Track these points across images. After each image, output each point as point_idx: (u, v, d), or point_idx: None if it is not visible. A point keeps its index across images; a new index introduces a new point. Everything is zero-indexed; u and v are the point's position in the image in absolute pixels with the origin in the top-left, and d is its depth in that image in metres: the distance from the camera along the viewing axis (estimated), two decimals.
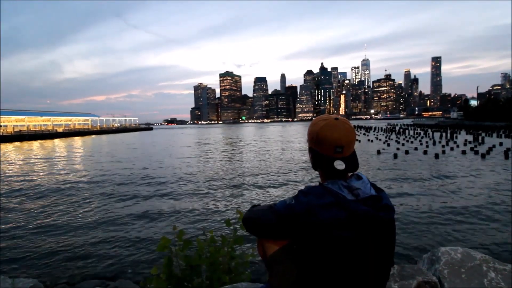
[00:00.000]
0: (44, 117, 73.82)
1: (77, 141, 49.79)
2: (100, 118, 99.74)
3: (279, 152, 25.58)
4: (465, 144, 26.14)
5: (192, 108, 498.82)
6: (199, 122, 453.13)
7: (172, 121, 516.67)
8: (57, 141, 50.53)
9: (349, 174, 1.06)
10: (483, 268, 1.63)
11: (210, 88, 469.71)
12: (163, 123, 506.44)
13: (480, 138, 30.59)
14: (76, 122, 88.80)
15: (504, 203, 8.58)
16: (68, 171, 16.98)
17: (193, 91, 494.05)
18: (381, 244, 0.98)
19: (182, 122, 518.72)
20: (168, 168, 17.32)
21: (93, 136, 69.74)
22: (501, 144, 25.45)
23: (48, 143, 45.20)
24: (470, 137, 33.77)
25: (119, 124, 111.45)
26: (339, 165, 1.00)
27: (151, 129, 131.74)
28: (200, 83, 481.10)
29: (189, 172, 15.52)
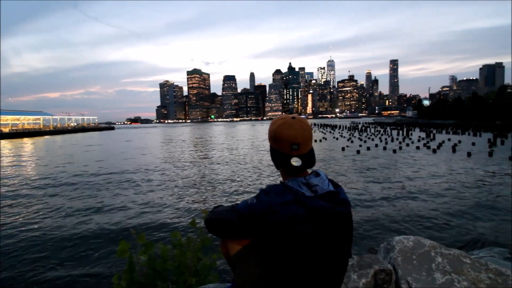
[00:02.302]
0: None
1: (27, 142, 45.45)
2: (54, 117, 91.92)
3: (248, 151, 25.67)
4: (419, 141, 28.51)
5: (158, 107, 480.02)
6: (166, 121, 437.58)
7: (136, 120, 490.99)
8: (2, 142, 45.69)
9: (309, 172, 1.09)
10: (432, 254, 1.78)
11: (177, 85, 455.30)
12: (126, 122, 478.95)
13: (431, 135, 33.60)
14: (25, 121, 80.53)
15: (452, 193, 9.49)
16: (11, 176, 15.46)
17: (158, 89, 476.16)
18: (339, 237, 1.02)
19: (147, 121, 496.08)
20: (126, 171, 16.53)
21: (46, 136, 63.97)
22: (449, 140, 28.12)
23: None
24: (423, 134, 36.84)
25: (75, 124, 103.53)
26: (296, 161, 1.03)
27: (113, 128, 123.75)
28: (167, 81, 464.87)
29: (150, 174, 14.96)
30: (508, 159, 16.05)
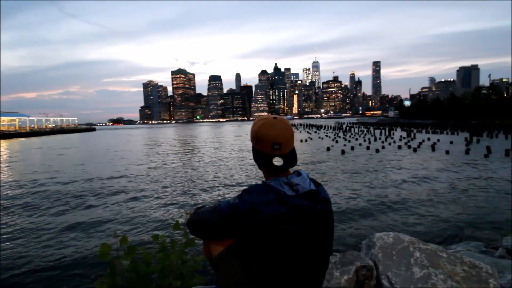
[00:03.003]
0: None
1: (1, 145, 43.34)
2: (31, 118, 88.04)
3: (233, 151, 25.60)
4: (400, 140, 29.43)
5: (141, 107, 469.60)
6: (150, 122, 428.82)
7: (118, 120, 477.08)
8: None
9: (291, 171, 1.11)
10: (410, 249, 1.84)
11: (161, 85, 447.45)
12: (108, 123, 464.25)
13: (412, 134, 34.75)
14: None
15: (432, 190, 9.85)
16: None
17: (142, 89, 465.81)
18: (320, 235, 1.04)
19: (130, 122, 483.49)
20: (107, 174, 16.12)
21: (22, 138, 61.18)
22: (429, 139, 29.16)
23: None
24: (404, 134, 38.03)
25: (54, 125, 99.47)
26: (277, 161, 1.04)
27: (94, 129, 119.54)
28: (150, 80, 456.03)
29: (132, 177, 14.65)
30: (484, 156, 16.85)
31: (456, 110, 64.49)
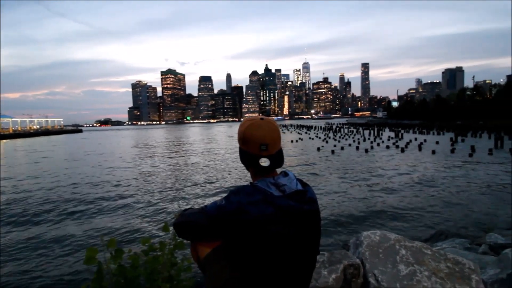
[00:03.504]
0: None
1: None
2: (14, 119, 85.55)
3: (225, 153, 25.51)
4: (388, 140, 30.01)
5: (130, 108, 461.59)
6: (139, 123, 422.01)
7: (106, 122, 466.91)
8: None
9: (278, 172, 1.12)
10: (396, 247, 1.88)
11: (150, 86, 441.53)
12: (95, 124, 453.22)
13: (400, 134, 35.49)
14: None
15: (419, 189, 10.07)
16: None
17: (131, 89, 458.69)
18: (307, 235, 1.05)
19: (119, 123, 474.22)
20: (94, 176, 15.81)
21: (4, 140, 59.21)
22: (416, 139, 29.82)
23: None
24: (392, 134, 38.76)
25: (38, 126, 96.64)
26: (264, 162, 1.05)
27: (80, 131, 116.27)
28: (139, 81, 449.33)
29: (121, 179, 14.42)
30: (468, 156, 17.35)
31: (442, 111, 66.14)
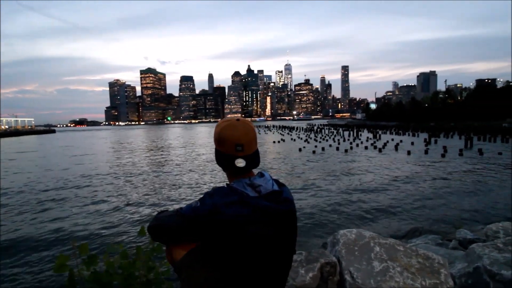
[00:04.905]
0: None
1: None
2: None
3: (204, 153, 25.27)
4: (367, 140, 31.00)
5: (107, 108, 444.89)
6: (117, 123, 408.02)
7: (81, 122, 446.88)
8: None
9: (254, 173, 1.12)
10: (371, 244, 1.94)
11: (129, 85, 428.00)
12: (69, 124, 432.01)
13: (378, 135, 36.80)
14: None
15: (396, 188, 10.47)
16: None
17: (108, 88, 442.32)
18: (284, 235, 1.07)
19: (95, 123, 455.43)
20: (67, 180, 15.17)
21: None
22: (392, 140, 31.02)
23: None
24: (370, 135, 40.07)
25: (7, 126, 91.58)
26: (240, 162, 1.05)
27: (53, 131, 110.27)
28: (117, 80, 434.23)
29: (93, 183, 13.92)
30: (441, 156, 18.27)
31: (417, 113, 69.22)
